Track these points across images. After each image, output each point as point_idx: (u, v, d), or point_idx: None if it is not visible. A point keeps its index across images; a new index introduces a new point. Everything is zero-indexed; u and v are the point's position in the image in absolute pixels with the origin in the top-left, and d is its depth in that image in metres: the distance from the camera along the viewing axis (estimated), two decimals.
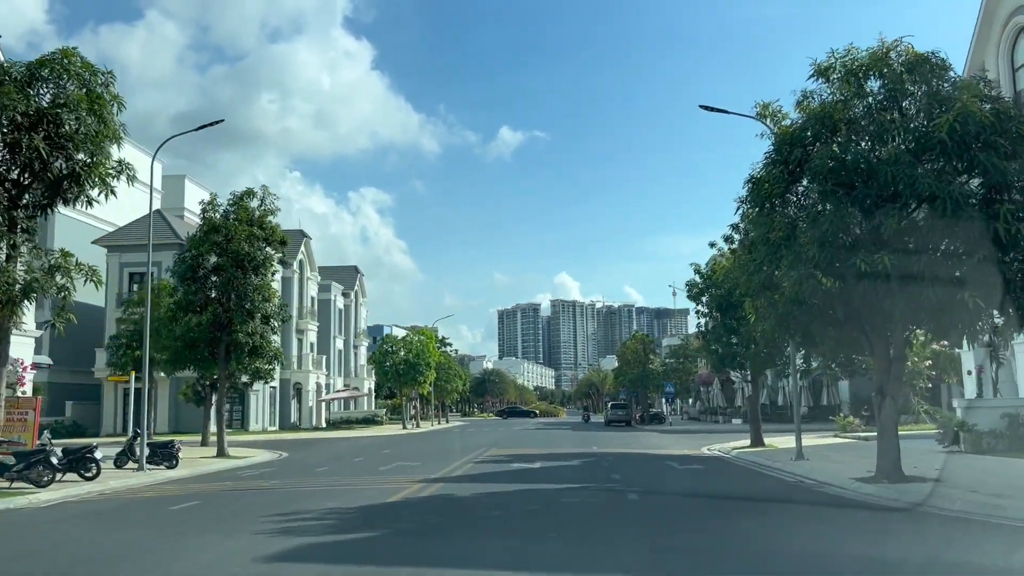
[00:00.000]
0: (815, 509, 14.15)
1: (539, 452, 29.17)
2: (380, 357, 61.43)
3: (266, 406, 58.09)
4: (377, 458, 27.37)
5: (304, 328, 63.89)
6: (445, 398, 77.44)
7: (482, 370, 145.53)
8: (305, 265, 65.61)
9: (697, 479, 19.71)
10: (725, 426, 52.12)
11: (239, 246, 29.01)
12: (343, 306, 77.04)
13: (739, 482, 19.09)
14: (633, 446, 33.10)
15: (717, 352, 29.21)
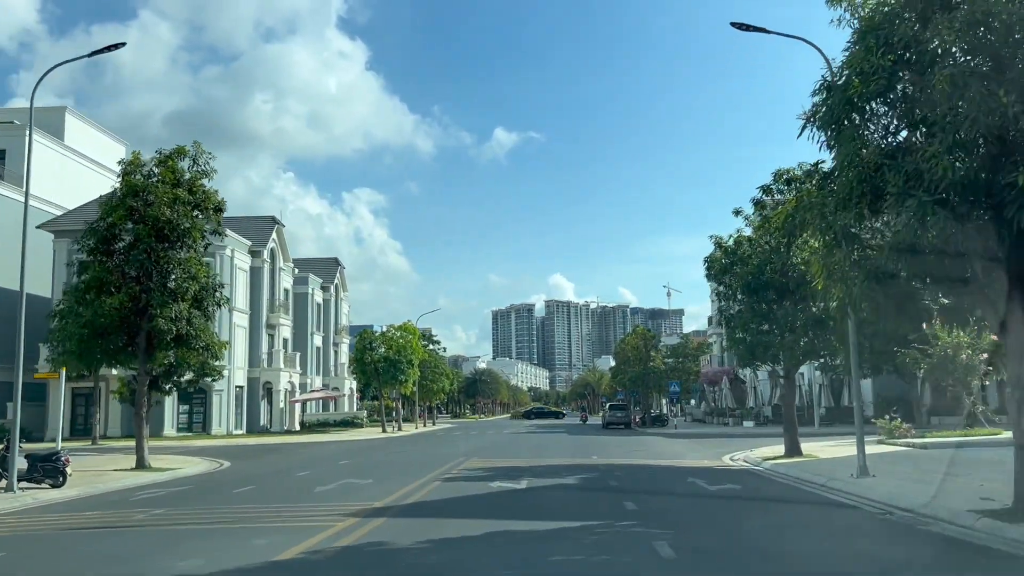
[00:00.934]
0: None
1: (527, 464, 23.68)
2: (359, 355, 55.83)
3: (231, 408, 52.49)
4: (327, 472, 21.93)
5: (275, 323, 58.27)
6: (431, 399, 71.82)
7: (473, 370, 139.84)
8: (277, 254, 59.99)
9: (744, 511, 14.21)
10: (737, 429, 46.65)
11: (159, 211, 23.43)
12: (322, 300, 71.45)
13: (807, 516, 13.63)
14: (640, 455, 27.62)
15: (744, 341, 23.71)
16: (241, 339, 54.49)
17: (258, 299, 56.29)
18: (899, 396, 46.19)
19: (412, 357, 56.01)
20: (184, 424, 50.25)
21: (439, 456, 27.52)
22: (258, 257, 56.57)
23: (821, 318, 22.76)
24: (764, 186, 23.94)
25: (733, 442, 34.18)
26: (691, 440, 36.96)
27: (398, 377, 54.85)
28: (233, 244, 53.26)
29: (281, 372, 56.50)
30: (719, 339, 72.59)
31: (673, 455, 27.42)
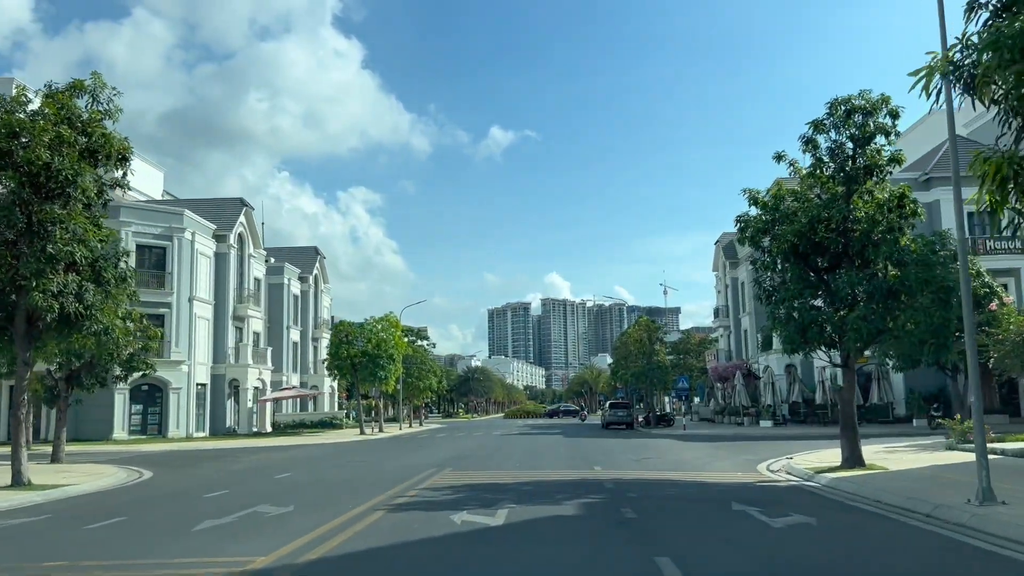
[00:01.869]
0: None
1: (513, 478, 18.20)
2: (334, 349, 50.31)
3: (191, 408, 46.96)
4: (246, 491, 16.52)
5: (244, 315, 52.70)
6: (417, 397, 66.28)
7: (466, 368, 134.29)
8: (246, 240, 54.42)
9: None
10: (754, 430, 41.21)
11: (34, 153, 17.89)
12: (299, 292, 65.95)
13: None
14: (653, 464, 22.17)
15: (793, 320, 18.17)
16: (204, 332, 48.97)
17: (224, 288, 50.76)
18: (935, 392, 40.82)
19: (393, 352, 50.50)
20: (137, 426, 44.71)
21: (406, 467, 22.05)
22: (223, 242, 51.05)
23: (892, 287, 17.29)
24: (816, 121, 18.48)
25: (758, 446, 28.78)
26: (707, 444, 31.50)
27: (377, 374, 49.36)
28: (194, 226, 47.77)
29: (249, 368, 50.95)
30: (726, 332, 67.19)
31: (694, 464, 21.95)
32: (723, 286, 67.10)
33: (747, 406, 46.96)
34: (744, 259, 51.14)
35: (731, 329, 64.67)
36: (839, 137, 18.23)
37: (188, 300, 47.07)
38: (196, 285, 47.78)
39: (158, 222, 46.19)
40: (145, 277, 45.40)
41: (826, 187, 18.89)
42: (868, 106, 17.83)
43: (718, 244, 67.07)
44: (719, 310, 67.14)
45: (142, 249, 45.60)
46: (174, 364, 45.51)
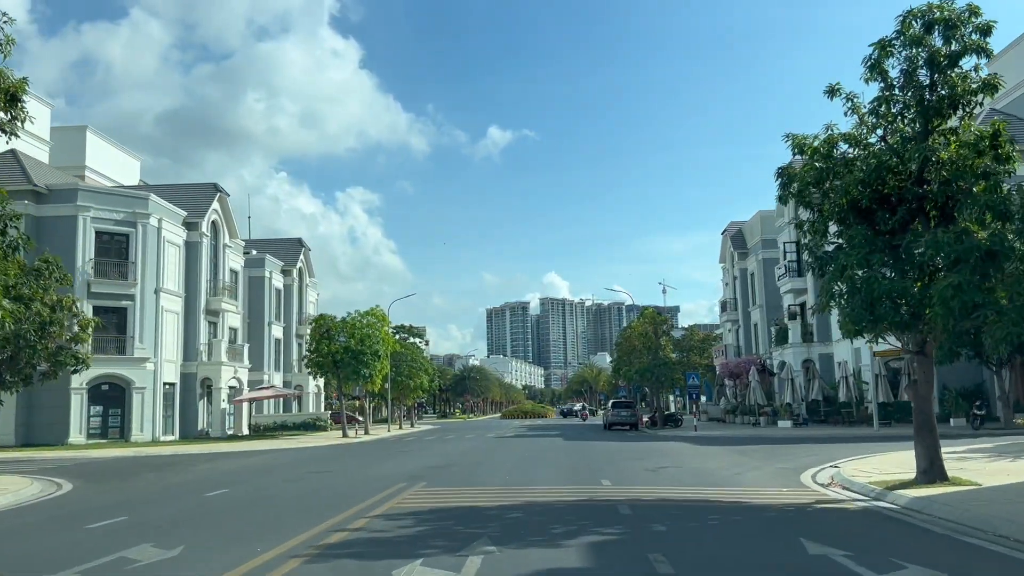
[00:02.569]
0: None
1: (497, 499, 14.11)
2: (313, 345, 46.19)
3: (157, 409, 42.89)
4: (155, 518, 12.53)
5: (217, 308, 48.60)
6: (408, 397, 62.17)
7: (462, 367, 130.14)
8: (221, 229, 50.31)
9: None
10: (773, 431, 37.16)
11: None
12: (282, 286, 61.83)
13: None
14: (673, 476, 18.11)
15: (857, 293, 14.01)
16: (173, 327, 44.89)
17: (195, 280, 46.66)
18: (972, 388, 36.79)
19: (379, 348, 46.41)
20: (97, 429, 40.62)
21: (372, 479, 18.00)
22: (195, 230, 46.95)
23: (992, 248, 13.17)
24: (883, 41, 14.36)
25: (788, 451, 24.74)
26: (727, 448, 27.41)
27: (361, 372, 45.28)
28: (161, 212, 43.69)
29: (223, 367, 46.83)
30: (734, 327, 63.17)
31: (723, 476, 17.87)
32: (731, 278, 63.08)
33: (762, 405, 42.89)
34: (786, 223, 46.61)
35: (740, 323, 60.65)
36: (914, 57, 14.11)
37: (154, 292, 42.97)
38: (163, 276, 43.70)
39: (120, 207, 42.08)
40: (105, 267, 41.43)
41: (894, 126, 14.81)
42: (952, 18, 13.75)
43: (725, 234, 63.05)
44: (727, 303, 63.11)
45: (103, 236, 41.55)
46: (138, 361, 41.43)
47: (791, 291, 47.71)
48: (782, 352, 46.12)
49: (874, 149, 14.69)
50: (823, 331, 44.87)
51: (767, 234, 56.45)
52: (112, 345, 41.29)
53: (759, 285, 56.81)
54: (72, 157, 50.40)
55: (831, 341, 44.21)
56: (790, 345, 44.84)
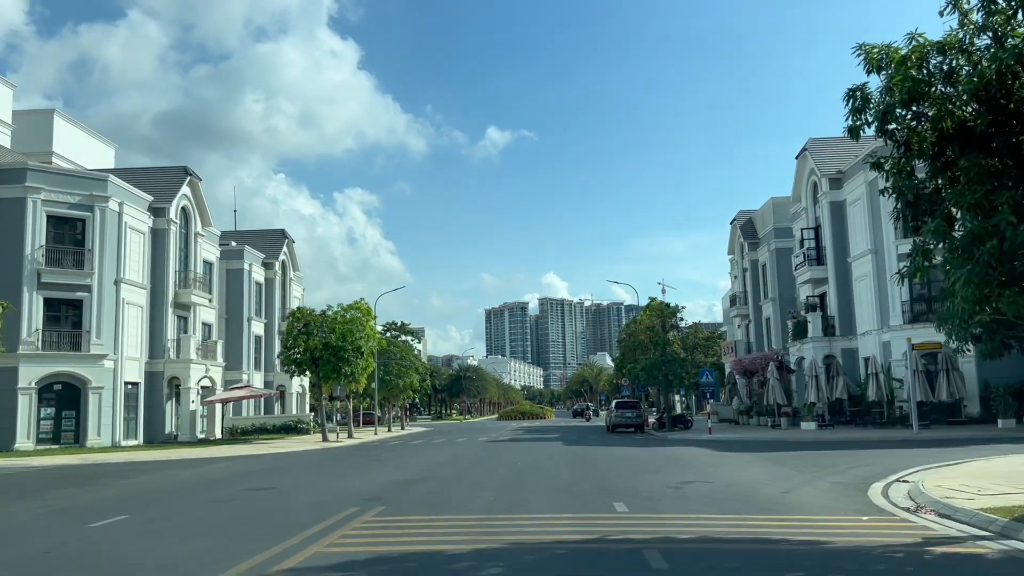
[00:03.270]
0: None
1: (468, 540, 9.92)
2: (289, 340, 42.09)
3: (118, 410, 38.83)
4: None
5: (187, 302, 44.48)
6: (397, 398, 58.01)
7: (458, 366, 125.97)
8: (192, 216, 46.21)
9: None
10: (796, 434, 33.08)
11: None
12: (263, 280, 57.68)
13: None
14: (703, 495, 14.02)
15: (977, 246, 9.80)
16: (136, 321, 40.79)
17: (162, 270, 42.54)
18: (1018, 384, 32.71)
19: (362, 344, 42.29)
20: (48, 433, 36.48)
21: (316, 504, 13.90)
22: (162, 216, 42.84)
23: None
24: None
25: (829, 458, 20.72)
26: (755, 455, 23.26)
27: (342, 370, 41.16)
28: (122, 196, 39.63)
29: (193, 365, 42.70)
30: (744, 322, 59.10)
31: (769, 496, 13.74)
32: (740, 270, 58.94)
33: (782, 404, 38.74)
34: (803, 209, 42.45)
35: (750, 318, 56.53)
36: None
37: (114, 283, 38.87)
38: (125, 265, 39.61)
39: (75, 189, 37.94)
40: (58, 255, 37.30)
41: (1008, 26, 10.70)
42: None
43: (734, 224, 58.95)
44: (736, 297, 59.00)
45: (55, 221, 37.42)
46: (94, 359, 37.30)
47: (809, 281, 43.64)
48: (800, 347, 42.04)
49: (989, 54, 10.58)
50: (846, 324, 40.81)
51: (780, 222, 52.36)
52: (66, 340, 37.18)
53: (772, 277, 52.74)
54: (38, 142, 46.24)
55: (855, 335, 40.15)
56: (809, 340, 40.78)
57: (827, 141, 44.47)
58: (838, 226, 41.61)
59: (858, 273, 39.80)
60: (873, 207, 38.07)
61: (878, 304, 37.80)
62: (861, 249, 39.16)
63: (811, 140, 44.01)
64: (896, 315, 36.37)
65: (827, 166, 42.30)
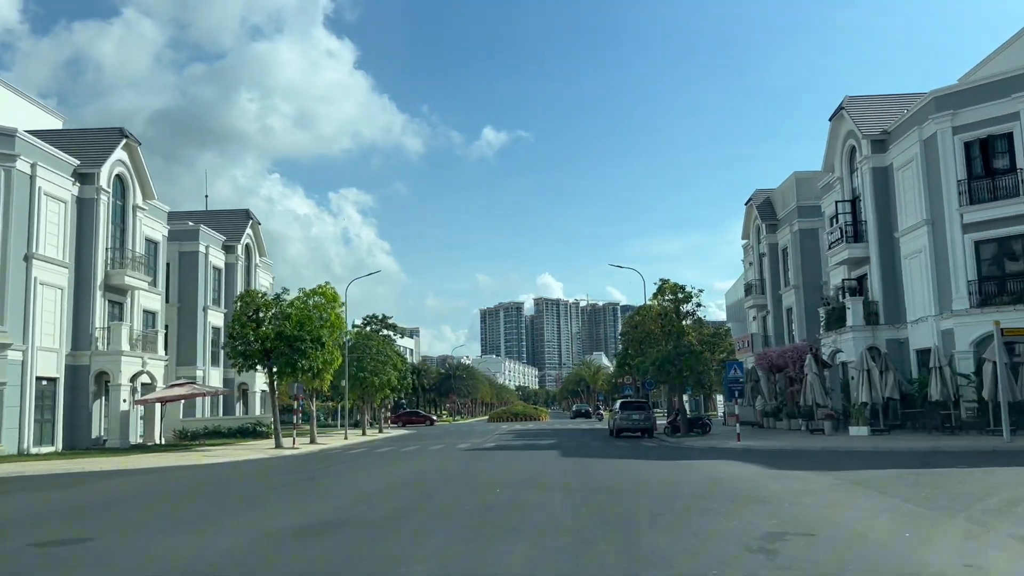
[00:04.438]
0: None
1: None
2: (235, 329, 35.25)
3: (28, 412, 32.05)
4: None
5: (122, 284, 37.67)
6: (374, 397, 51.17)
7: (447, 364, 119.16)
8: (130, 186, 39.44)
9: None
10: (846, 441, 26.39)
11: None
12: (223, 265, 50.91)
13: None
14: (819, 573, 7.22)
15: None
16: (54, 306, 34.02)
17: (90, 247, 35.77)
18: None
19: (323, 334, 35.52)
20: None
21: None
22: (90, 184, 36.07)
23: None
24: None
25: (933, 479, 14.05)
26: (823, 476, 16.47)
27: (297, 363, 34.40)
28: (36, 156, 32.92)
29: (125, 358, 35.91)
30: (761, 313, 52.44)
31: (945, 572, 7.03)
32: (757, 256, 52.30)
33: (821, 404, 31.96)
34: (836, 180, 35.88)
35: (768, 309, 49.89)
36: None
37: (23, 259, 32.14)
38: (39, 239, 32.88)
39: None
40: None
41: None
42: None
43: (750, 204, 52.31)
44: (752, 285, 52.33)
45: None
46: None
47: (847, 261, 36.98)
48: (836, 339, 35.36)
49: None
50: (891, 310, 34.19)
51: (805, 199, 45.78)
52: None
53: (794, 261, 46.13)
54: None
55: (904, 323, 33.53)
56: (849, 329, 34.17)
57: (867, 99, 37.88)
58: (882, 196, 34.99)
59: (908, 249, 33.17)
60: (930, 169, 31.48)
61: (935, 286, 31.19)
62: (913, 221, 32.55)
63: (848, 98, 37.38)
64: (960, 298, 29.76)
65: (868, 127, 35.70)
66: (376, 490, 15.85)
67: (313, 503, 13.75)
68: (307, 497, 14.77)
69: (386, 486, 16.41)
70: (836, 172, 38.72)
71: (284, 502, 14.22)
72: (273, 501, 14.44)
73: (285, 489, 16.48)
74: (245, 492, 16.18)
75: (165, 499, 15.48)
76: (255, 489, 16.63)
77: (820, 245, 45.65)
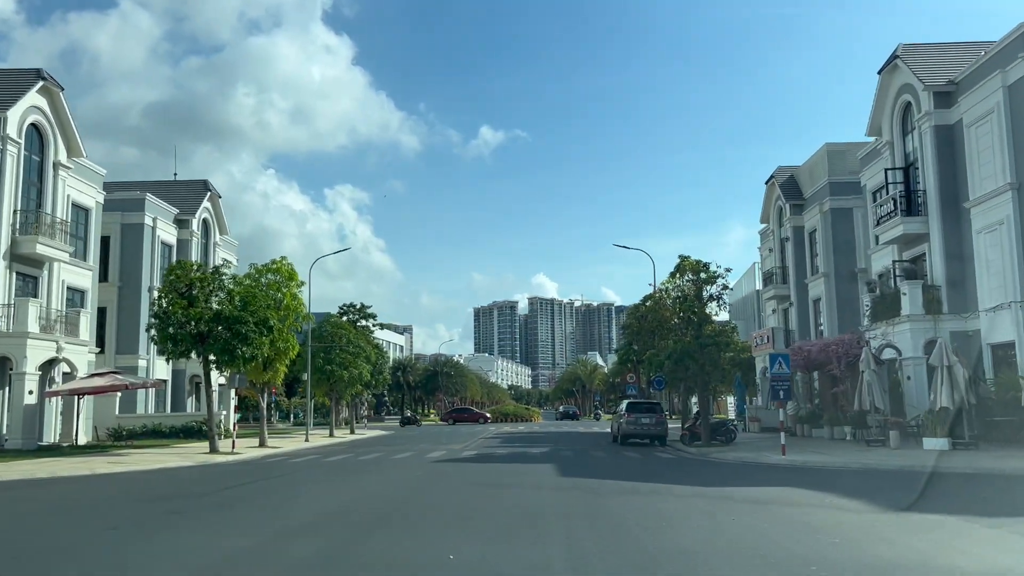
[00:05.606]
0: None
1: None
2: (161, 307, 28.74)
3: None
4: None
5: (33, 253, 31.21)
6: (343, 393, 44.63)
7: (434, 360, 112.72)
8: (50, 139, 33.01)
9: None
10: (920, 455, 20.02)
11: None
12: (174, 241, 44.39)
13: None
14: None
15: None
16: None
17: None
18: None
19: (270, 315, 29.08)
20: None
21: None
22: None
23: None
24: None
25: None
26: (966, 520, 10.09)
27: (238, 349, 27.94)
28: None
29: (32, 341, 29.44)
30: (782, 305, 46.22)
31: None
32: (778, 242, 46.05)
33: (880, 409, 25.55)
34: (884, 144, 29.58)
35: (792, 300, 43.64)
36: None
37: None
38: None
39: None
40: None
41: None
42: None
43: (772, 182, 46.04)
44: (772, 275, 46.07)
45: None
46: None
47: (900, 239, 30.69)
48: (888, 331, 29.10)
49: None
50: (957, 297, 27.98)
51: (838, 174, 39.58)
52: None
53: (825, 245, 39.92)
54: None
55: (974, 312, 27.28)
56: (905, 319, 27.96)
57: (925, 47, 31.63)
58: (947, 159, 28.74)
59: (982, 222, 26.91)
60: (1016, 122, 25.24)
61: (1019, 265, 24.97)
62: (990, 187, 26.29)
63: (903, 46, 31.13)
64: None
65: (931, 77, 29.45)
66: (274, 532, 9.45)
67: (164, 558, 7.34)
68: (161, 544, 8.33)
69: (274, 536, 9.98)
70: (885, 136, 32.45)
71: (161, 539, 7.80)
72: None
73: (137, 530, 10.05)
74: (70, 528, 9.75)
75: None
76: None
77: (855, 226, 39.44)
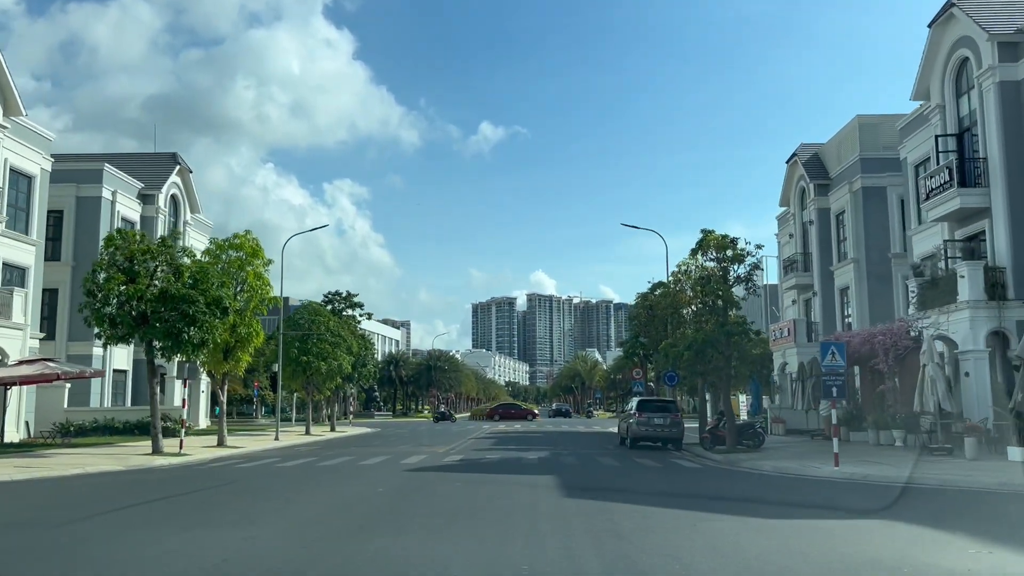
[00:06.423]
0: None
1: None
2: (94, 282, 24.39)
3: None
4: None
5: None
6: (321, 386, 40.32)
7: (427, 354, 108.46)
8: None
9: None
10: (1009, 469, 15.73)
11: None
12: (137, 218, 40.10)
13: None
14: None
15: None
16: None
17: None
18: None
19: (224, 295, 24.78)
20: None
21: None
22: None
23: None
24: None
25: None
26: None
27: (184, 333, 23.63)
28: None
29: None
30: (803, 295, 42.05)
31: None
32: (799, 226, 41.84)
33: (947, 411, 21.27)
34: (933, 108, 25.33)
35: (816, 289, 39.42)
36: None
37: None
38: None
39: None
40: None
41: None
42: None
43: (793, 161, 41.79)
44: (794, 262, 41.83)
45: None
46: None
47: (954, 214, 26.42)
48: (944, 319, 24.93)
49: None
50: (1022, 282, 23.78)
51: (870, 150, 35.40)
52: None
53: (854, 228, 35.73)
54: None
55: None
56: (964, 305, 23.82)
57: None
58: (1013, 121, 24.49)
59: None
60: None
61: None
62: None
63: None
64: None
65: (995, 26, 25.22)
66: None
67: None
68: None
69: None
70: (935, 99, 28.20)
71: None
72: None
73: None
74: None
75: None
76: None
77: (889, 206, 35.27)
